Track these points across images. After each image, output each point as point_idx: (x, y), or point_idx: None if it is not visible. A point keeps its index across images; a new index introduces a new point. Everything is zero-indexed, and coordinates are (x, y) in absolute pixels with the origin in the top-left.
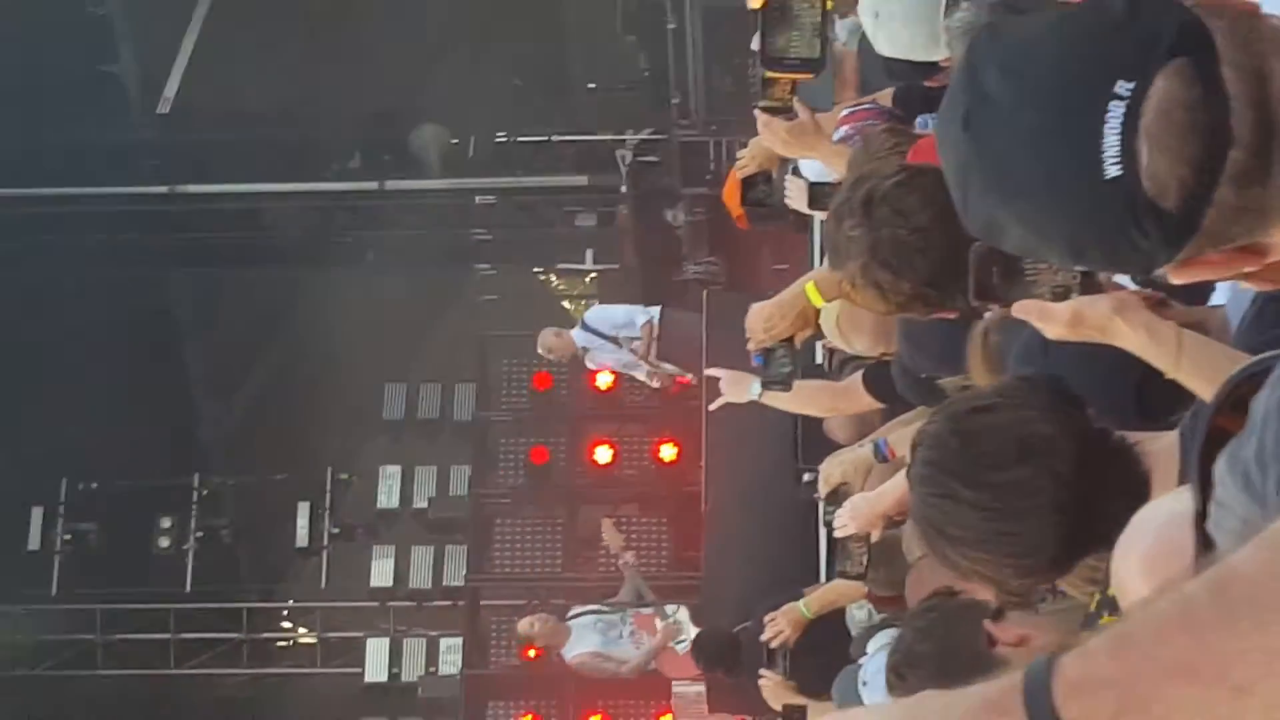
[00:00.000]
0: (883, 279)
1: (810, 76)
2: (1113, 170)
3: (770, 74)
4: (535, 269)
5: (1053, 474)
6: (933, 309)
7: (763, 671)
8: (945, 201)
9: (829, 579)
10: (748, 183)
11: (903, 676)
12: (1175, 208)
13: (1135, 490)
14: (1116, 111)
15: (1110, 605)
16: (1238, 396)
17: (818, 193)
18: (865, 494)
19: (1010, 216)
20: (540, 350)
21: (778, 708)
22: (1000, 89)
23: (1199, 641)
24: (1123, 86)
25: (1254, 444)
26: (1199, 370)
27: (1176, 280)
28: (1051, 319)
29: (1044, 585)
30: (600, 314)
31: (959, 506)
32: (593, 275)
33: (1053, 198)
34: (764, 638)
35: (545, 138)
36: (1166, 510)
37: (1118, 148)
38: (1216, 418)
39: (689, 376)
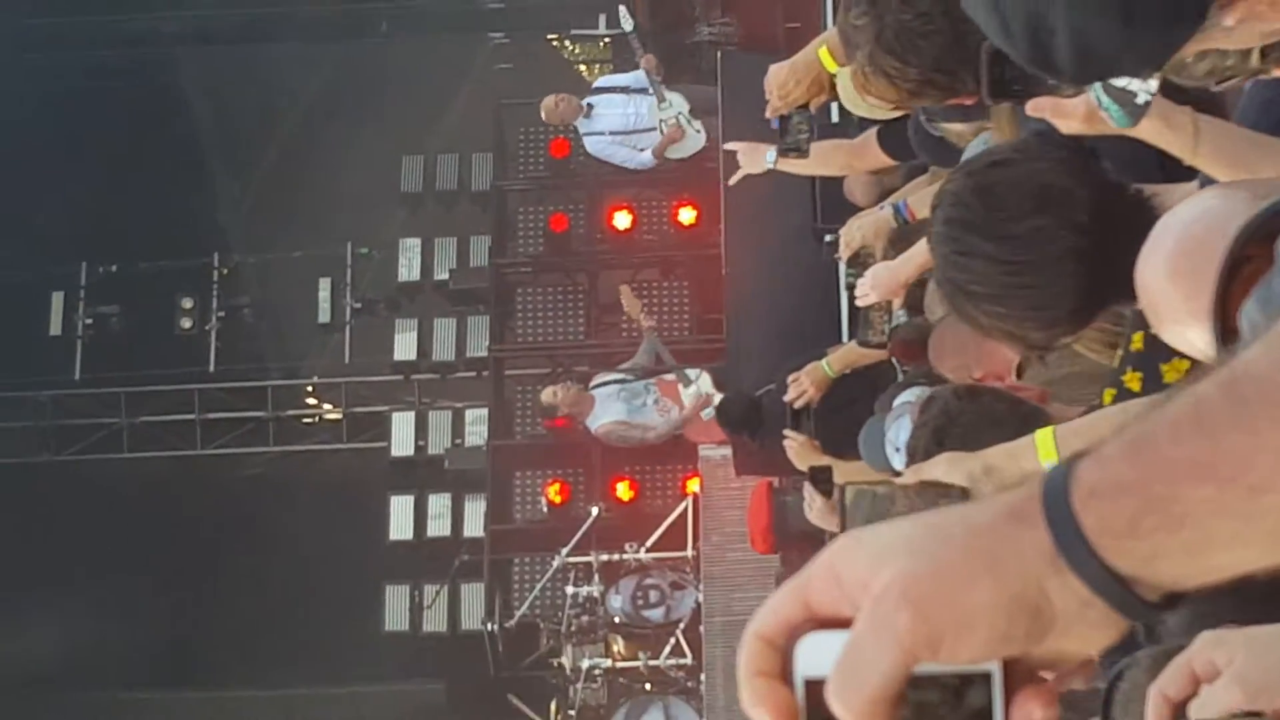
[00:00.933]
0: (890, 66)
1: None
2: None
3: None
4: (549, 35)
5: (1070, 223)
6: (945, 94)
7: (787, 432)
8: None
9: (852, 339)
10: None
11: (941, 442)
12: None
13: None
14: None
15: (1134, 360)
16: (1269, 230)
17: None
18: (886, 263)
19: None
20: (544, 116)
21: (804, 468)
22: None
23: (1214, 442)
24: None
25: None
26: (1218, 155)
27: (1229, 21)
28: (1066, 115)
29: (1066, 337)
30: (608, 78)
31: (979, 261)
32: (606, 40)
33: None
34: (788, 397)
35: None
36: (1189, 211)
37: None
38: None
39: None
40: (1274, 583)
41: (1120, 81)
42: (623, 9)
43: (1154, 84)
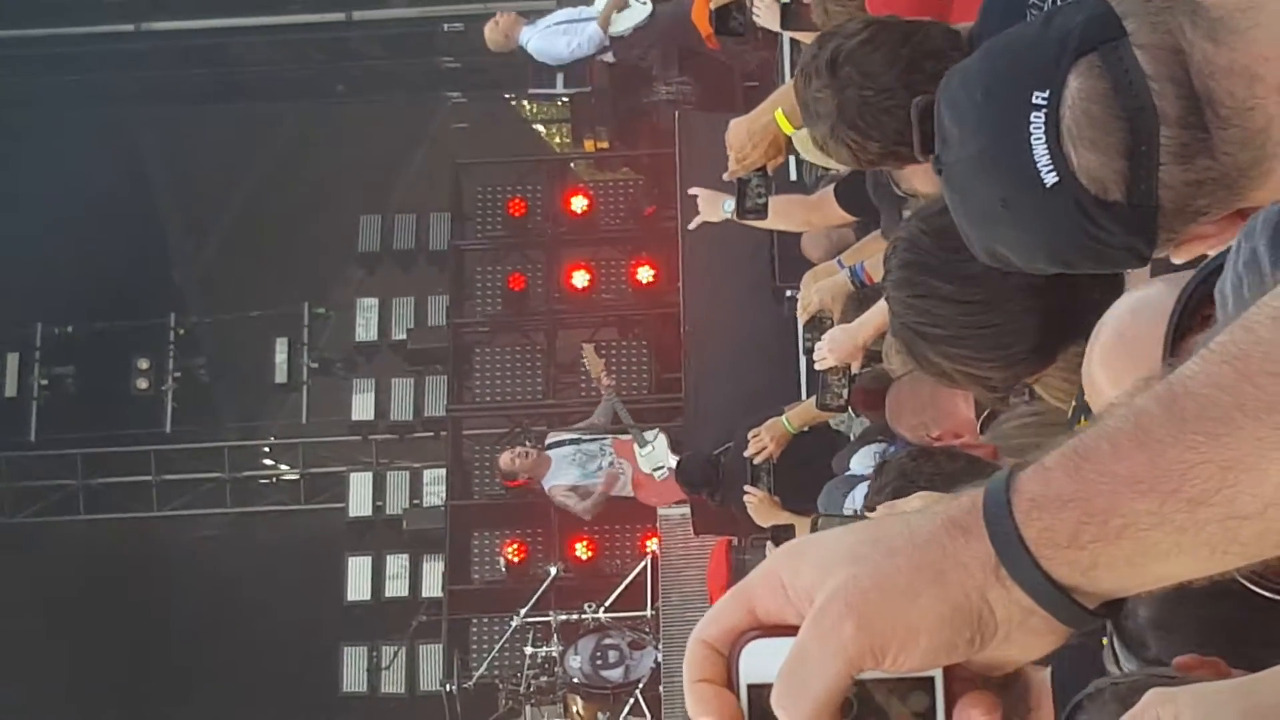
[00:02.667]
0: (851, 139)
1: None
2: (1050, 179)
3: None
4: (506, 95)
5: None
6: (904, 163)
7: (748, 488)
8: (910, 58)
9: (810, 397)
10: (721, 12)
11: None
12: (1122, 198)
13: (1111, 279)
14: (1038, 121)
15: (1086, 410)
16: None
17: (789, 11)
18: (844, 325)
19: (999, 246)
20: (487, 39)
21: (765, 525)
22: (951, 127)
23: (1153, 456)
24: (1039, 96)
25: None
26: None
27: (1179, 260)
28: None
29: (1027, 377)
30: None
31: (937, 302)
32: (565, 99)
33: (1013, 220)
34: (748, 452)
35: None
36: (1126, 303)
37: (1047, 155)
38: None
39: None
40: (1215, 586)
41: None
42: None
43: None
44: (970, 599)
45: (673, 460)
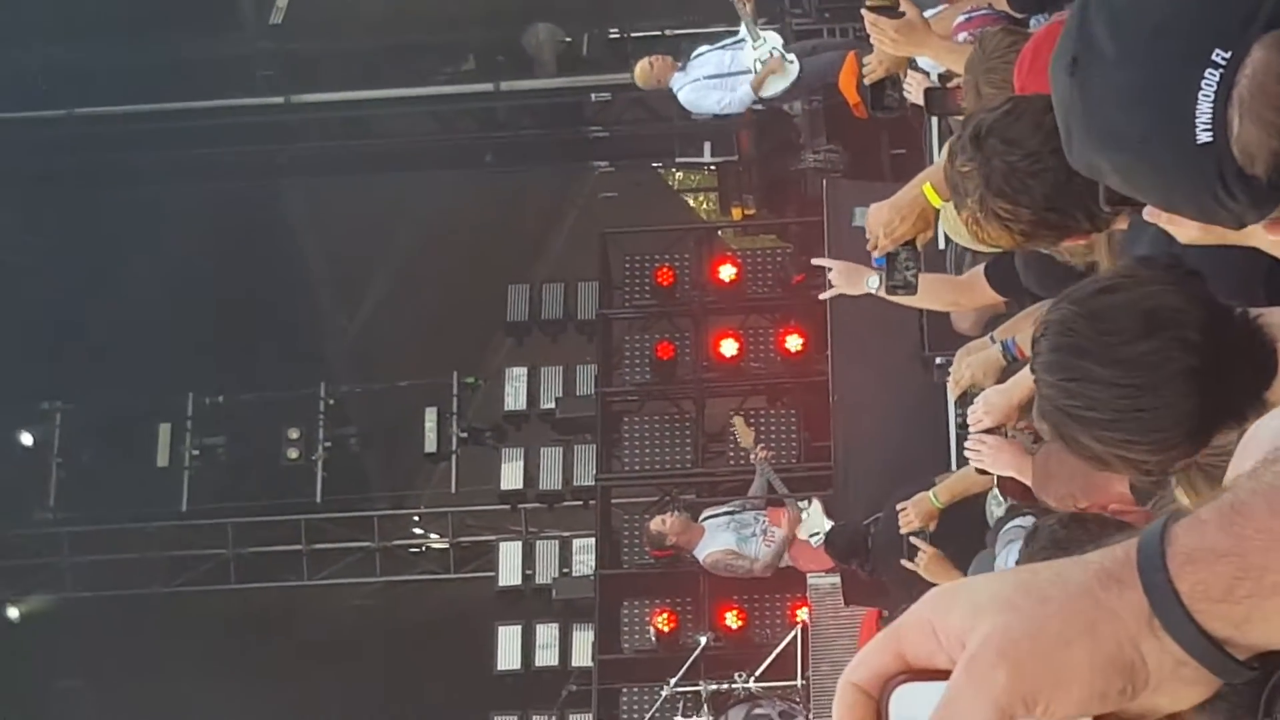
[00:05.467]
0: (1001, 208)
1: None
2: (1204, 136)
3: None
4: (654, 164)
5: (1182, 342)
6: (1059, 234)
7: (905, 563)
8: (1053, 125)
9: (960, 468)
10: (876, 88)
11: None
12: (1264, 175)
13: (1263, 361)
14: (1211, 79)
15: None
16: None
17: (932, 98)
18: (998, 386)
19: (1107, 164)
20: (638, 82)
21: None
22: (1106, 41)
23: None
24: (1219, 55)
25: None
26: None
27: (1272, 235)
28: (1182, 224)
29: (1181, 461)
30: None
31: (1092, 386)
32: (711, 167)
33: (1144, 156)
34: (902, 530)
35: (659, 32)
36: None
37: (1209, 116)
38: None
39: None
40: None
41: None
42: None
43: None
44: (1123, 649)
45: (829, 525)
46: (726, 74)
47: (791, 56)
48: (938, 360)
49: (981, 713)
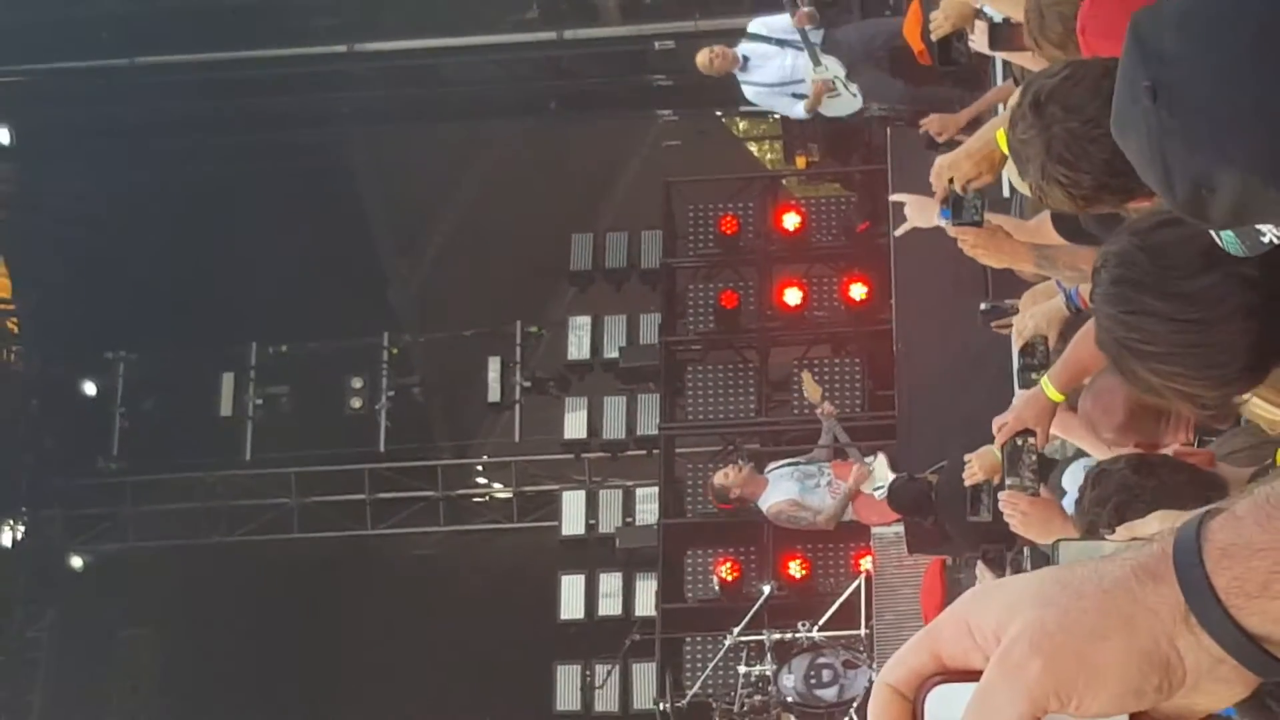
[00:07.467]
0: (1063, 175)
1: None
2: None
3: None
4: (717, 112)
5: (1240, 278)
6: (1122, 198)
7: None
8: (1112, 89)
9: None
10: (943, 44)
11: (1124, 517)
12: None
13: None
14: None
15: None
16: None
17: (997, 33)
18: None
19: (1223, 164)
20: (701, 68)
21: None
22: (1181, 48)
23: None
24: None
25: None
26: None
27: None
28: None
29: (1239, 395)
30: (763, 23)
31: (1150, 320)
32: (775, 116)
33: (1265, 123)
34: (966, 483)
35: None
36: None
37: None
38: None
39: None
40: None
41: None
42: None
43: None
44: (1159, 645)
45: (892, 477)
46: (789, 82)
47: (855, 89)
48: (982, 305)
49: (1015, 705)
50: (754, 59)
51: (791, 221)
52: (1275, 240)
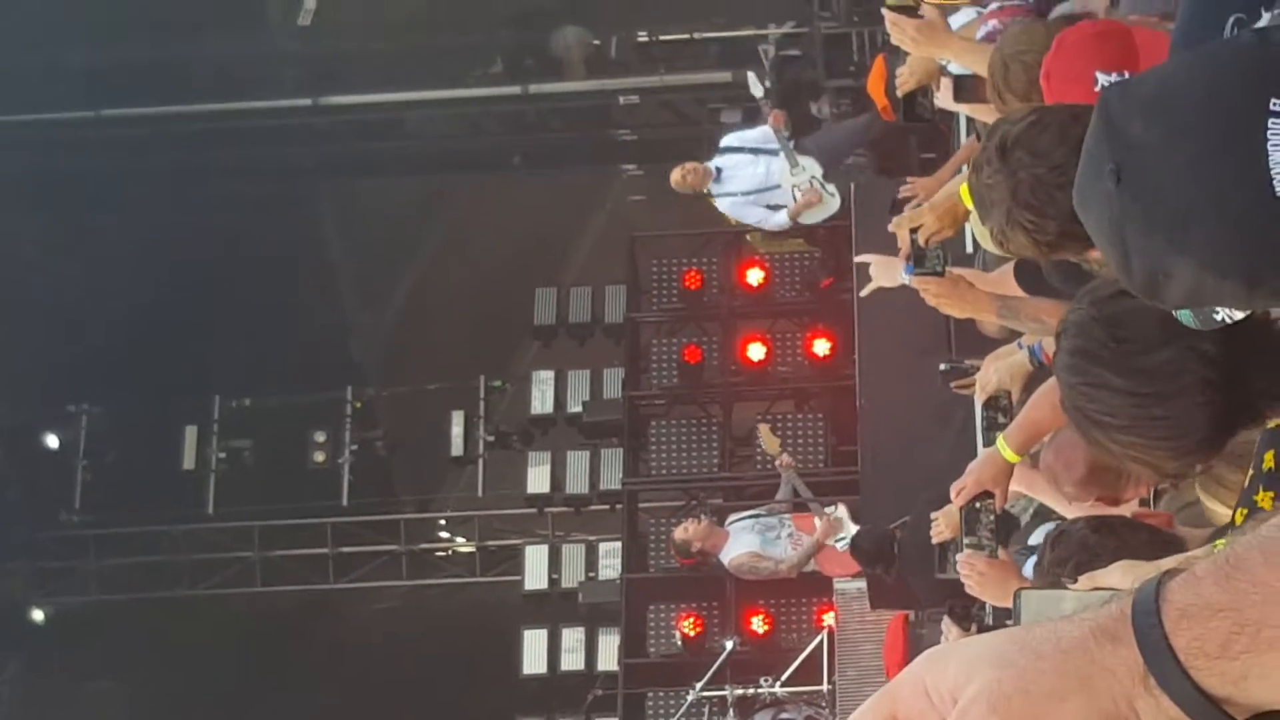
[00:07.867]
0: (1028, 221)
1: None
2: None
3: None
4: None
5: (1198, 353)
6: (1085, 245)
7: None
8: (1079, 136)
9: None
10: (908, 99)
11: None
12: None
13: (1276, 368)
14: (1276, 128)
15: (1265, 480)
16: None
17: (961, 85)
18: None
19: (1180, 255)
20: (674, 186)
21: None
22: (1148, 133)
23: None
24: (1275, 103)
25: None
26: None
27: None
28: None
29: (1199, 464)
30: (736, 136)
31: (1108, 393)
32: None
33: (1223, 220)
34: (933, 540)
35: (687, 35)
36: None
37: None
38: None
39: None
40: None
41: None
42: (751, 75)
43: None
44: (1118, 706)
45: (854, 529)
46: (764, 189)
47: (832, 189)
48: (941, 366)
49: None
50: (727, 169)
51: (755, 277)
52: (1228, 319)
